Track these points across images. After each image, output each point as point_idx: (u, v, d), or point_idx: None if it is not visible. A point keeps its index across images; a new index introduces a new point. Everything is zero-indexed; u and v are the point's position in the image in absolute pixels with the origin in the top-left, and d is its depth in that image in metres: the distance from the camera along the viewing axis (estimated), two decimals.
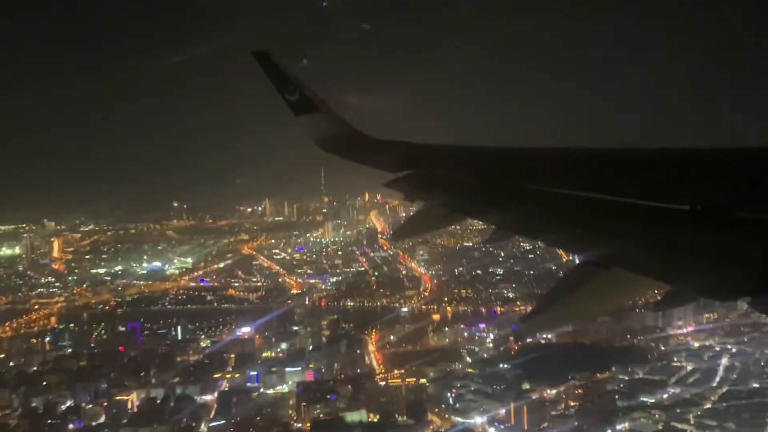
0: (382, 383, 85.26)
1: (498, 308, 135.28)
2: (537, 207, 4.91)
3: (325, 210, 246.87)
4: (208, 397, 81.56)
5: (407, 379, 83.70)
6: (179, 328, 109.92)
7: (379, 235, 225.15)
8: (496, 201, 5.59)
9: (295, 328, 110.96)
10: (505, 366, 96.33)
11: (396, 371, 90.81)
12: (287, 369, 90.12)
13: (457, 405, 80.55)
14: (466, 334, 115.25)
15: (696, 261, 3.23)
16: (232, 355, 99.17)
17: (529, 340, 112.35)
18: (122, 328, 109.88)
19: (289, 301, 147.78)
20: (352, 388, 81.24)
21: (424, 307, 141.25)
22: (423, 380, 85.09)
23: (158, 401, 79.06)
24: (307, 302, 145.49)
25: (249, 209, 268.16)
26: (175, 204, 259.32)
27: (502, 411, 76.47)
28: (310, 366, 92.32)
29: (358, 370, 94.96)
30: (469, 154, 7.59)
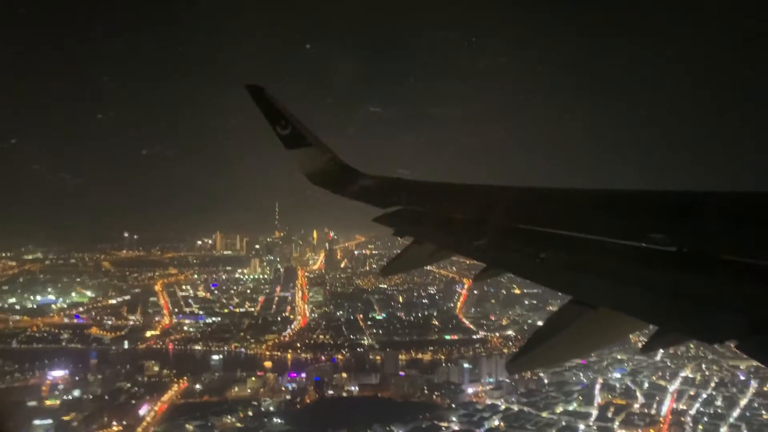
0: None
1: (339, 357, 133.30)
2: (527, 246, 5.00)
3: (258, 246, 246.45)
4: None
5: None
6: None
7: (304, 273, 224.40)
8: (486, 239, 5.71)
9: (90, 375, 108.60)
10: (277, 420, 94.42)
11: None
12: (36, 422, 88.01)
13: None
14: (274, 384, 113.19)
15: (682, 303, 3.25)
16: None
17: (330, 392, 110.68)
18: None
19: (148, 342, 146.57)
20: None
21: (267, 353, 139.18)
22: None
23: None
24: (154, 345, 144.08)
25: (199, 242, 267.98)
26: (126, 234, 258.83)
27: None
28: (64, 418, 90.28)
29: (124, 424, 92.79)
30: (460, 192, 7.72)
